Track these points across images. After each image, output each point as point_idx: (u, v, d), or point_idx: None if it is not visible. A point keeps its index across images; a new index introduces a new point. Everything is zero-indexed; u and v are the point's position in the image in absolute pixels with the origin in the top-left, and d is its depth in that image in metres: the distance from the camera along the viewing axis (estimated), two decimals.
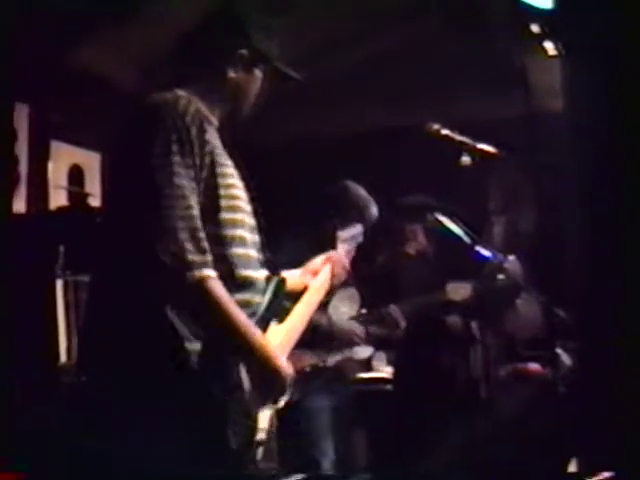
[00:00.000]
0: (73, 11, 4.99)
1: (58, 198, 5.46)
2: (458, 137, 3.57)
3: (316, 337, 4.04)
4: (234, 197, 2.58)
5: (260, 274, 2.66)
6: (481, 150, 3.54)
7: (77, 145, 5.70)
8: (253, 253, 2.63)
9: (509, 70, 3.95)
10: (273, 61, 2.80)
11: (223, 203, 2.53)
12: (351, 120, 6.02)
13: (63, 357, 4.93)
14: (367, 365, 5.27)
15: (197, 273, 2.35)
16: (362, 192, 4.46)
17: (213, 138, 2.57)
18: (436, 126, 3.60)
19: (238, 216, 2.58)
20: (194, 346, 2.40)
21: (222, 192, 2.53)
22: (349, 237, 3.49)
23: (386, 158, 6.05)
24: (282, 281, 2.79)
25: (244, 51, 2.72)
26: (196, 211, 2.41)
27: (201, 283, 2.36)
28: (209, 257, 2.39)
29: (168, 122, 2.45)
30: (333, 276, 3.17)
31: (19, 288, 4.50)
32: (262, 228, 2.72)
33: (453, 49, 4.99)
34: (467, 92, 5.49)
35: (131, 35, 5.41)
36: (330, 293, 3.18)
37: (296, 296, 2.95)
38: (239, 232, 2.58)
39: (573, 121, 3.74)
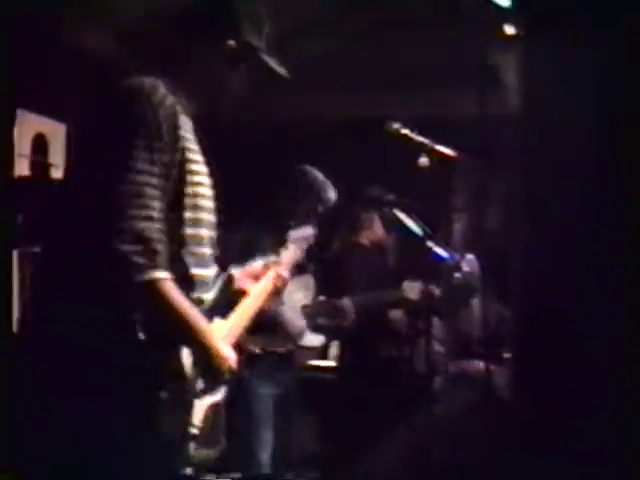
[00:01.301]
0: None
1: (21, 167, 5.41)
2: (417, 138, 3.57)
3: (262, 325, 4.05)
4: (199, 195, 2.53)
5: (211, 271, 2.65)
6: (439, 152, 3.54)
7: (43, 114, 5.63)
8: (208, 250, 2.60)
9: (472, 67, 3.95)
10: (261, 55, 2.72)
11: (188, 202, 2.48)
12: (315, 108, 6.02)
13: (16, 329, 4.90)
14: (322, 353, 5.31)
15: (145, 276, 2.31)
16: (319, 176, 4.46)
17: (187, 133, 2.50)
18: (396, 125, 3.60)
19: (200, 215, 2.54)
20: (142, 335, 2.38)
21: (189, 190, 2.48)
22: (300, 238, 3.52)
23: (347, 149, 6.05)
24: (229, 278, 2.79)
25: (232, 42, 2.65)
26: (151, 211, 2.34)
27: (149, 285, 2.32)
28: (160, 259, 2.34)
29: (139, 114, 2.38)
30: (273, 288, 3.18)
31: None
32: (220, 224, 2.69)
33: (422, 44, 4.99)
34: (431, 88, 5.49)
35: (103, 4, 5.37)
36: (268, 300, 3.17)
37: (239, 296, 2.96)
38: (199, 231, 2.54)
39: (536, 120, 3.74)
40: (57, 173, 5.54)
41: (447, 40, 4.66)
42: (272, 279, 3.17)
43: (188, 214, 2.48)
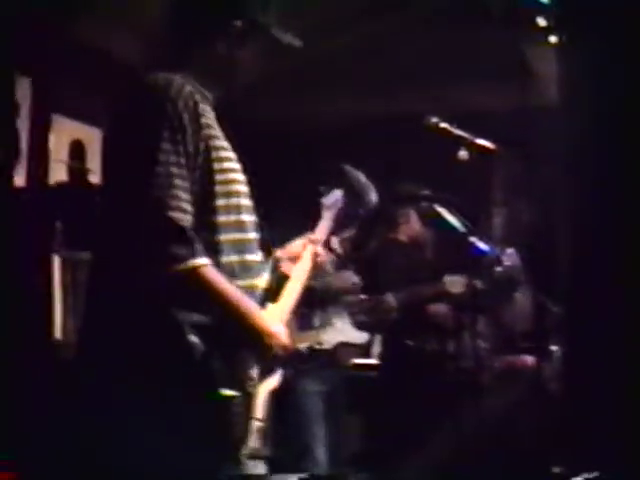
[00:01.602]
0: None
1: (58, 173, 5.44)
2: (456, 131, 3.54)
3: (311, 300, 4.04)
4: (231, 181, 2.50)
5: (258, 256, 2.63)
6: (479, 145, 3.51)
7: (79, 120, 5.66)
8: (251, 236, 2.58)
9: (511, 62, 3.92)
10: (270, 30, 2.66)
11: (219, 189, 2.46)
12: (351, 107, 5.99)
13: (58, 334, 4.93)
14: (366, 351, 5.29)
15: (184, 265, 2.29)
16: (361, 177, 4.45)
17: (209, 120, 2.48)
18: (434, 119, 3.57)
19: (234, 201, 2.51)
20: (195, 339, 2.37)
21: (218, 178, 2.45)
22: (332, 204, 3.54)
23: (385, 146, 6.03)
24: (276, 262, 2.78)
25: (238, 22, 2.60)
26: (182, 202, 2.34)
27: (190, 273, 2.31)
28: (196, 247, 2.33)
29: (159, 108, 2.37)
30: (314, 262, 3.19)
31: (16, 263, 4.50)
32: (257, 209, 2.67)
33: (456, 39, 4.96)
34: (468, 83, 5.45)
35: (133, 7, 5.37)
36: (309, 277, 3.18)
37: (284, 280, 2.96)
38: (236, 217, 2.51)
39: (573, 113, 3.71)
40: (95, 178, 5.57)
41: (483, 34, 4.62)
42: (310, 257, 3.18)
43: (221, 201, 2.47)
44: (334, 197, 3.65)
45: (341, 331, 4.61)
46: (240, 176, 2.57)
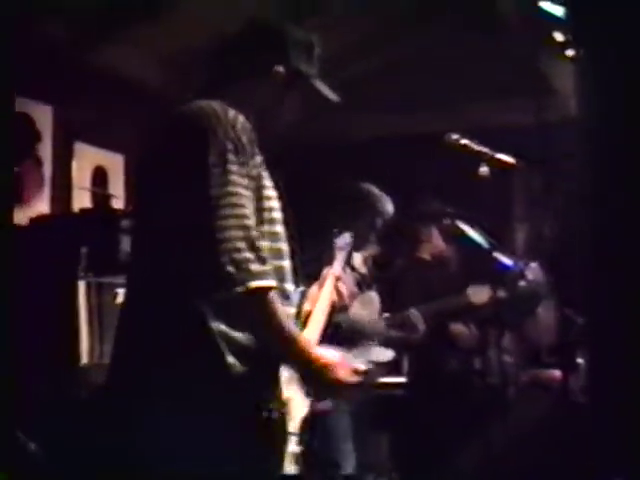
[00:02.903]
0: (97, 10, 5.01)
1: (81, 200, 5.48)
2: (477, 147, 3.55)
3: (338, 335, 4.06)
4: (273, 209, 2.54)
5: (291, 285, 2.65)
6: (500, 160, 3.52)
7: (101, 147, 5.71)
8: (287, 264, 2.60)
9: (529, 78, 3.94)
10: (312, 81, 2.72)
11: (266, 216, 2.49)
12: (371, 126, 6.02)
13: (85, 359, 4.95)
14: (395, 369, 5.28)
15: (259, 283, 2.30)
16: (373, 189, 4.47)
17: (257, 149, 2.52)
18: (455, 136, 3.58)
19: (276, 228, 2.55)
20: (233, 360, 2.38)
21: (265, 204, 2.49)
22: (343, 245, 3.57)
23: (406, 164, 6.05)
24: (304, 293, 2.80)
25: (281, 68, 2.65)
26: (252, 221, 2.36)
27: (263, 293, 2.32)
28: (269, 267, 2.35)
29: (221, 131, 2.39)
30: (337, 297, 3.22)
31: (42, 289, 4.52)
32: (292, 238, 2.69)
33: (471, 56, 4.97)
34: (486, 99, 5.47)
35: (157, 36, 5.42)
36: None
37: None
38: (278, 245, 2.55)
39: (592, 127, 3.71)
40: (118, 204, 5.61)
41: (499, 50, 4.64)
42: (333, 290, 3.21)
43: (266, 227, 2.49)
44: (345, 239, 3.68)
45: (367, 350, 4.62)
46: (277, 204, 2.58)
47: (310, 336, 2.82)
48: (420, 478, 4.63)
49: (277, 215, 2.56)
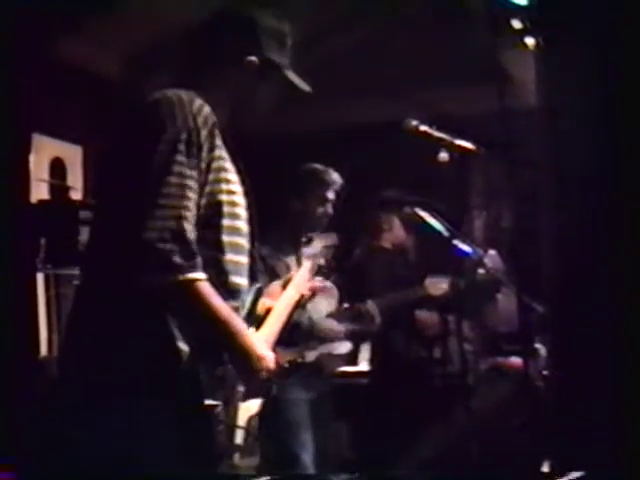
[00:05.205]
0: (56, 2, 4.98)
1: (39, 191, 5.44)
2: (436, 133, 3.56)
3: (296, 335, 4.08)
4: (235, 204, 2.53)
5: (246, 280, 2.65)
6: (459, 146, 3.52)
7: (59, 138, 5.67)
8: (244, 260, 2.59)
9: (489, 65, 3.95)
10: (284, 71, 2.71)
11: (225, 209, 2.48)
12: (330, 113, 6.02)
13: (44, 350, 4.93)
14: (352, 359, 5.29)
15: (182, 276, 2.30)
16: (317, 165, 4.48)
17: (221, 142, 2.50)
18: (414, 122, 3.58)
19: (237, 223, 2.54)
20: (184, 346, 2.38)
21: (225, 198, 2.48)
22: (312, 254, 3.60)
23: (365, 151, 6.05)
24: (260, 289, 2.79)
25: (253, 58, 2.64)
26: (189, 213, 2.35)
27: (187, 286, 2.32)
28: (197, 260, 2.34)
29: (179, 120, 2.38)
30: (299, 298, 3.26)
31: (0, 281, 4.50)
32: (253, 234, 2.69)
33: (433, 43, 4.99)
34: (447, 87, 5.49)
35: (116, 28, 5.39)
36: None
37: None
38: (236, 239, 2.54)
39: (552, 116, 3.75)
40: (76, 195, 5.57)
41: (459, 37, 4.66)
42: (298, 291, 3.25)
43: (226, 221, 2.48)
44: (314, 248, 3.70)
45: (324, 343, 4.62)
46: (241, 199, 2.58)
47: (268, 331, 2.85)
48: (380, 467, 4.64)
49: (240, 210, 2.55)
